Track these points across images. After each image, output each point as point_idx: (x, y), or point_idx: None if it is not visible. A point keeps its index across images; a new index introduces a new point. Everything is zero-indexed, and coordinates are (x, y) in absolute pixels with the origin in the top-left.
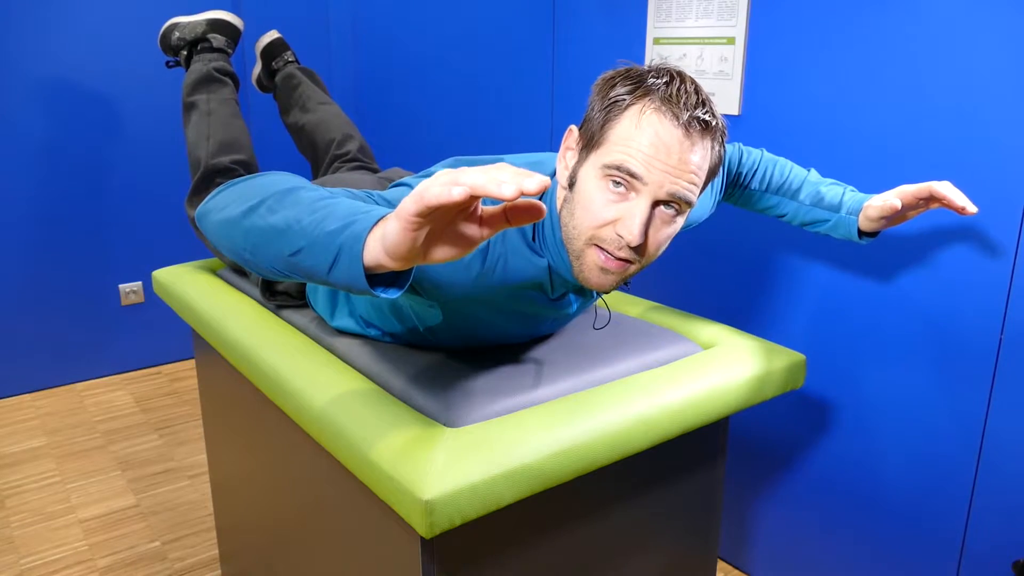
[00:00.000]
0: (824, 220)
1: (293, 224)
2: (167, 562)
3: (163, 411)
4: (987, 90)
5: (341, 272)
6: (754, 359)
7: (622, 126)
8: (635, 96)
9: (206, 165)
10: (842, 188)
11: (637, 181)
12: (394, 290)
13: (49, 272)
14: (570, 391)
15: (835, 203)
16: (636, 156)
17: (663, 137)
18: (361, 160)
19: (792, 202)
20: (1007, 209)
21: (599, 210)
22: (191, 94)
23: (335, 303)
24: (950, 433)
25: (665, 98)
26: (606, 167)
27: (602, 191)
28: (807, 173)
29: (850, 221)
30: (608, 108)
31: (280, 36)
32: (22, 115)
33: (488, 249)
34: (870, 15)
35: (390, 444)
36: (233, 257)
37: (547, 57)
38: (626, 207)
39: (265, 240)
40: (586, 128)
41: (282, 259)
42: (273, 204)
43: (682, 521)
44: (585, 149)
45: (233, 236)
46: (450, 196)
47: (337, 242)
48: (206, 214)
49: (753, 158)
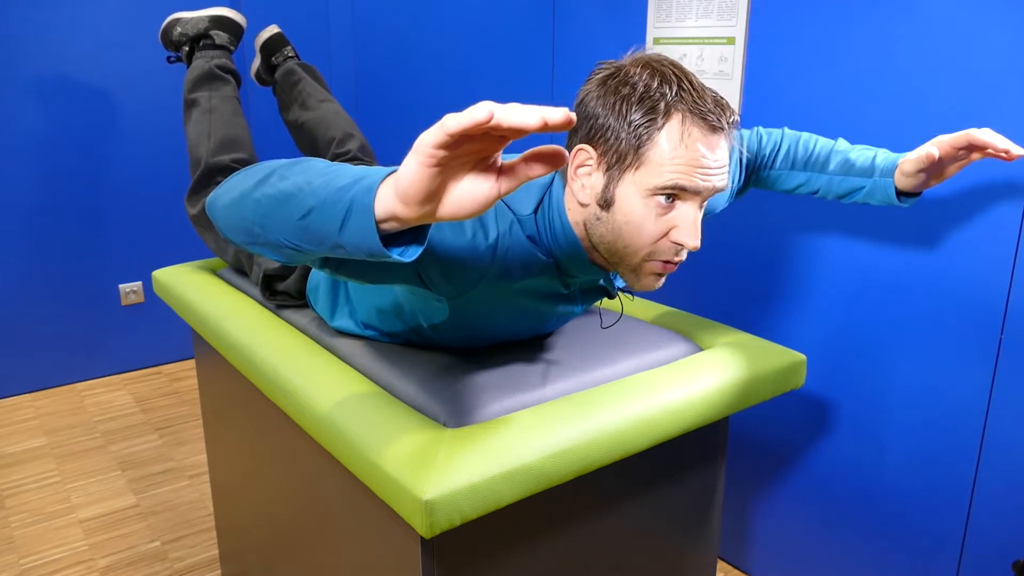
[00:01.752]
0: (859, 188)
1: (304, 186)
2: (167, 562)
3: (163, 411)
4: (987, 89)
5: (352, 229)
6: (754, 359)
7: (661, 146)
8: (665, 116)
9: (206, 163)
10: (873, 151)
11: (688, 192)
12: (414, 248)
13: (49, 272)
14: (570, 391)
15: (867, 167)
16: (687, 172)
17: (705, 147)
18: (361, 159)
19: (822, 176)
20: (1007, 209)
21: (653, 228)
22: (192, 91)
23: (335, 304)
24: (950, 433)
25: (694, 108)
26: (659, 188)
27: (651, 209)
28: (834, 143)
29: (886, 183)
30: (636, 130)
31: (280, 31)
32: (22, 114)
33: (497, 242)
34: (870, 15)
35: (390, 444)
36: (244, 238)
37: (547, 57)
38: (678, 216)
39: (275, 207)
40: (610, 148)
41: (293, 224)
42: (283, 172)
43: (682, 521)
44: (616, 169)
45: (244, 210)
46: (472, 118)
47: (347, 196)
48: (215, 200)
49: (774, 138)
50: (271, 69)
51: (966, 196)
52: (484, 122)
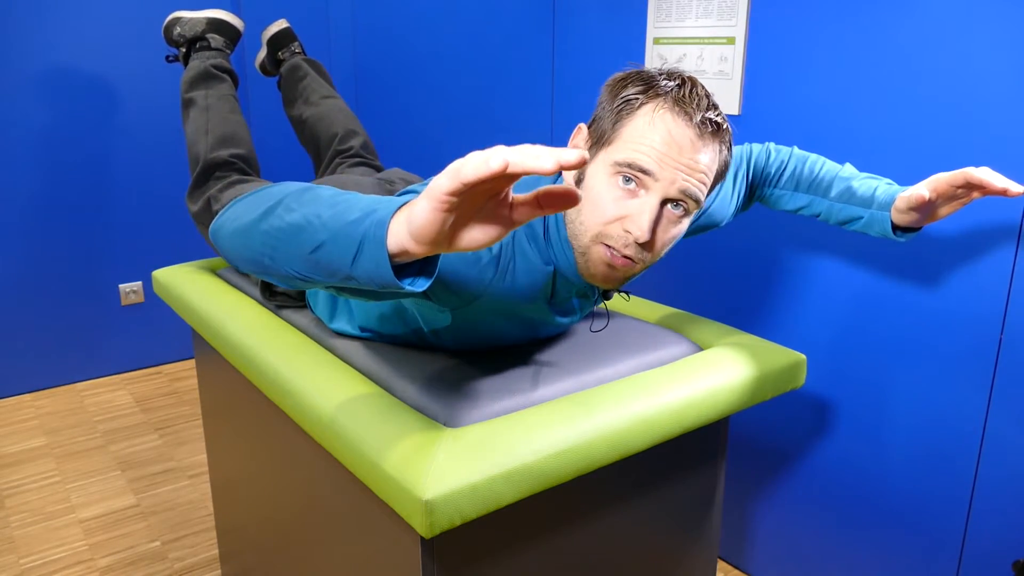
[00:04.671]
0: (857, 217)
1: (313, 219)
2: (167, 562)
3: (163, 411)
4: (987, 89)
5: (365, 262)
6: (754, 359)
7: (635, 124)
8: (648, 96)
9: (204, 159)
10: (876, 182)
11: (648, 178)
12: (422, 280)
13: (49, 272)
14: (570, 391)
15: (867, 198)
16: (649, 153)
17: (676, 135)
18: (364, 157)
19: (824, 200)
20: (1007, 209)
21: (608, 207)
22: (189, 90)
23: (334, 308)
24: (950, 433)
25: (678, 99)
26: (618, 164)
27: (612, 188)
28: (840, 168)
29: (883, 217)
30: (620, 107)
31: (288, 26)
32: (22, 114)
33: (500, 254)
34: (870, 15)
35: (390, 444)
36: (252, 268)
37: (547, 57)
38: (636, 204)
39: (284, 240)
40: (596, 126)
41: (303, 258)
42: (291, 203)
43: (682, 521)
44: (595, 147)
45: (251, 242)
46: (488, 167)
47: (360, 230)
48: (220, 227)
49: (781, 157)
50: (277, 63)
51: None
52: (499, 172)
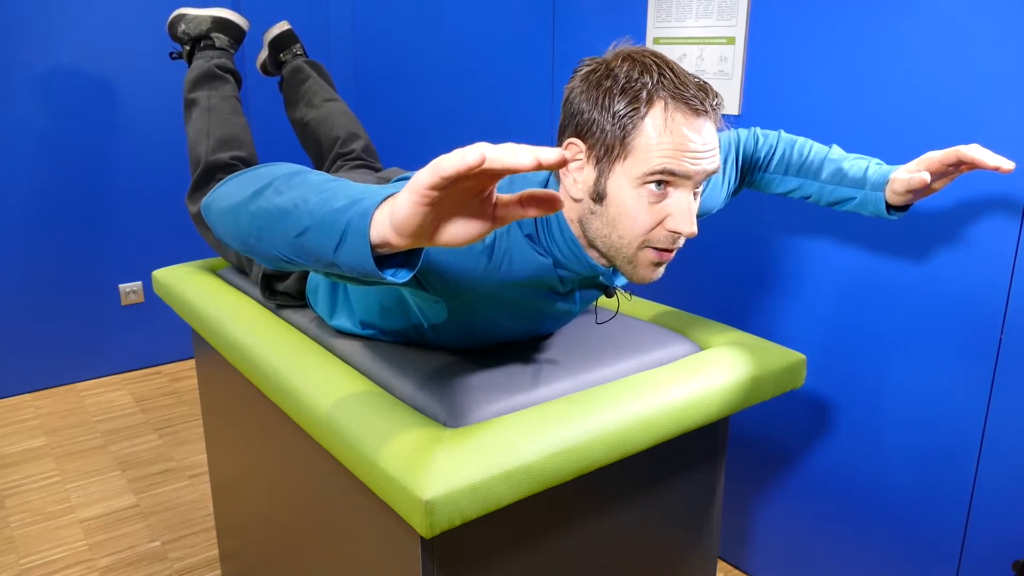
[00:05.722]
0: (850, 198)
1: (300, 204)
2: (167, 562)
3: (163, 411)
4: (987, 89)
5: (347, 251)
6: (754, 359)
7: (646, 133)
8: (646, 103)
9: (206, 161)
10: (866, 162)
11: (678, 177)
12: (404, 272)
13: (49, 272)
14: (570, 391)
15: (859, 178)
16: (675, 156)
17: (691, 131)
18: (365, 160)
19: (815, 182)
20: (1007, 209)
21: (646, 217)
22: (192, 91)
23: (334, 304)
24: (950, 433)
25: (675, 94)
26: (647, 175)
27: (642, 198)
28: (828, 150)
29: (876, 197)
30: (622, 121)
31: (290, 28)
32: (22, 113)
33: (495, 244)
34: (870, 14)
35: (390, 444)
36: (239, 246)
37: (547, 57)
38: (672, 203)
39: (271, 222)
40: (595, 140)
41: (288, 242)
42: (279, 186)
43: (682, 521)
44: (605, 161)
45: (239, 221)
46: (464, 162)
47: (344, 219)
48: (211, 204)
49: (770, 141)
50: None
51: (966, 194)
52: (476, 166)
